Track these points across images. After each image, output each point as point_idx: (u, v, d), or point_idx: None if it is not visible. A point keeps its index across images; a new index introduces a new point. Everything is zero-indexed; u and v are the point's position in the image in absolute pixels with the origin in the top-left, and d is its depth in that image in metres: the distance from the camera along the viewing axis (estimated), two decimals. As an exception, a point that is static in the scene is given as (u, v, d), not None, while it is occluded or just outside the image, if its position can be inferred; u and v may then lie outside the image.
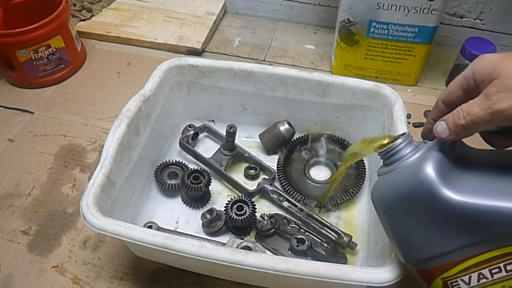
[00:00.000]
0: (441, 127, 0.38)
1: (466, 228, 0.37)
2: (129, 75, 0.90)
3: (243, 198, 0.63)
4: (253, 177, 0.71)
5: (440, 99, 0.41)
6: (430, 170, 0.37)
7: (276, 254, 0.60)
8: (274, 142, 0.72)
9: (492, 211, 0.35)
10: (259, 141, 0.73)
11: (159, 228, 0.62)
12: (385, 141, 0.44)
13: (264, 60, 0.94)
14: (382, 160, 0.44)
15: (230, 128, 0.68)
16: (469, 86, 0.38)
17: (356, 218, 0.66)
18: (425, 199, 0.38)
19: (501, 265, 0.37)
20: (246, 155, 0.72)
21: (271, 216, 0.63)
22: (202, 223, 0.63)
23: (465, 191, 0.36)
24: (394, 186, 0.41)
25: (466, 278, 0.38)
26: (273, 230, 0.62)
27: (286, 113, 0.72)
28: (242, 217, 0.61)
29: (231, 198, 0.63)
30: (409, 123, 0.80)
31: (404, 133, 0.42)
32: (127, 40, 0.96)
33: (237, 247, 0.56)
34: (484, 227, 0.36)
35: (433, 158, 0.38)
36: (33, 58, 0.84)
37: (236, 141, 0.70)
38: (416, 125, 0.80)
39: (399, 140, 0.42)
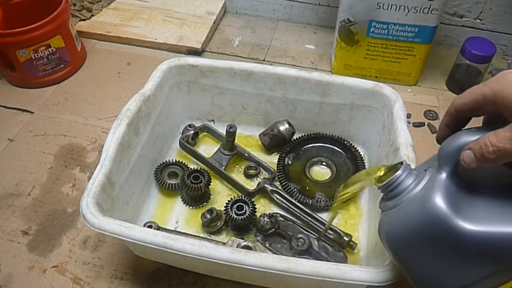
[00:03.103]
0: (469, 158, 0.36)
1: (487, 256, 0.35)
2: (129, 75, 0.90)
3: (243, 198, 0.63)
4: (253, 177, 0.71)
5: (454, 106, 0.39)
6: (439, 202, 0.35)
7: (276, 254, 0.60)
8: (274, 142, 0.72)
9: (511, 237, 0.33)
10: (259, 141, 0.73)
11: (159, 228, 0.62)
12: (381, 173, 0.42)
13: (264, 60, 0.94)
14: (382, 194, 0.41)
15: (230, 128, 0.68)
16: (485, 104, 0.36)
17: (356, 218, 0.66)
18: (439, 233, 0.35)
19: None
20: (246, 154, 0.72)
21: (271, 216, 0.63)
22: (202, 223, 0.63)
23: (480, 220, 0.34)
24: (402, 222, 0.38)
25: None
26: (273, 229, 0.62)
27: (286, 113, 0.72)
28: (242, 216, 0.61)
29: (231, 198, 0.63)
30: (409, 123, 0.80)
31: (402, 162, 0.40)
32: (127, 40, 0.96)
33: (237, 247, 0.56)
34: (507, 254, 0.34)
35: (440, 187, 0.36)
36: (33, 58, 0.83)
37: (236, 141, 0.70)
38: (416, 125, 0.80)
39: (399, 172, 0.39)
